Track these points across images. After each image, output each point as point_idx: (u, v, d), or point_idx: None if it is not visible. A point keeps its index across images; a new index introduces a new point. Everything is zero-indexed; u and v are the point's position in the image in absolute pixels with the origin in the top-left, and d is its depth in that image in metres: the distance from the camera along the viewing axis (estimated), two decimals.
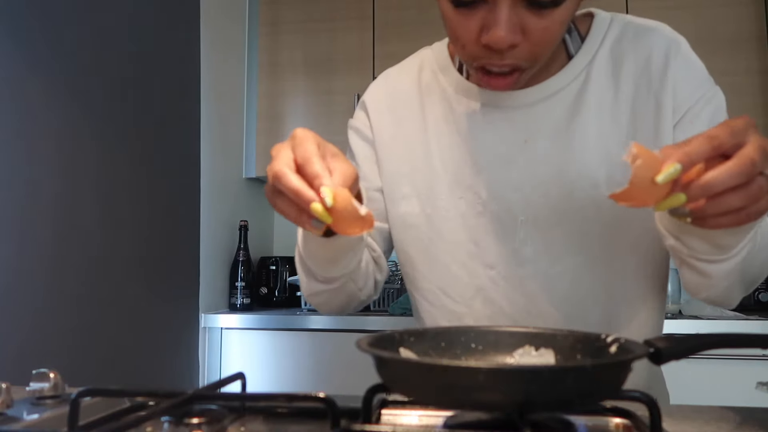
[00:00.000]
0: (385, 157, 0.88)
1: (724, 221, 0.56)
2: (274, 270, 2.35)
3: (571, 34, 0.81)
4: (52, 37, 1.40)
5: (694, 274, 0.70)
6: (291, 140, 0.61)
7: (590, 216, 0.77)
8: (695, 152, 0.52)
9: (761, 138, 0.54)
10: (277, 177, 0.58)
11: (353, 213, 0.56)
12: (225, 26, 2.27)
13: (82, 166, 1.47)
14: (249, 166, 2.38)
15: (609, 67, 0.79)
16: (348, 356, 1.94)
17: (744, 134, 0.54)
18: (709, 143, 0.53)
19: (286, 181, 0.58)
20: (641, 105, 0.78)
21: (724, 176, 0.52)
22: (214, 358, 2.04)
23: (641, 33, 0.80)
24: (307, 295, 0.84)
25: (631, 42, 0.80)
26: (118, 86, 1.62)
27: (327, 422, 0.48)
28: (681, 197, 0.53)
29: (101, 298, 1.53)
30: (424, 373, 0.45)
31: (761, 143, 0.53)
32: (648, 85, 0.78)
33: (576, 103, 0.78)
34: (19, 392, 0.65)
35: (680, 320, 1.83)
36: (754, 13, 2.13)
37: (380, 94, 0.91)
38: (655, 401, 0.47)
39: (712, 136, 0.53)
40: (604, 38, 0.80)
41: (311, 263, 0.77)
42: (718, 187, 0.52)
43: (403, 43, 2.48)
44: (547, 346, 0.58)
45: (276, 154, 0.60)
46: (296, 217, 0.60)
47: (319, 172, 0.57)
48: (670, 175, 0.51)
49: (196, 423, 0.54)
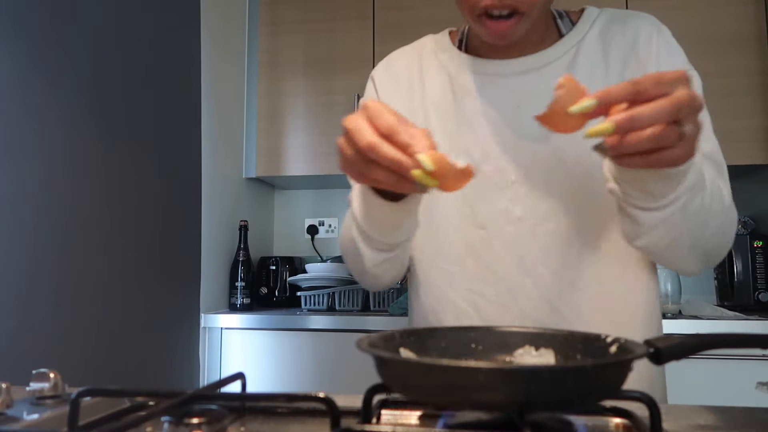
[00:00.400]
0: None
1: (636, 161, 0.59)
2: (274, 270, 2.35)
3: (563, 19, 0.90)
4: (52, 37, 1.40)
5: (627, 221, 0.73)
6: (364, 111, 0.62)
7: (579, 179, 0.82)
8: (616, 92, 0.56)
9: (691, 91, 0.56)
10: (372, 148, 0.59)
11: (452, 170, 0.58)
12: (225, 26, 2.27)
13: (82, 165, 1.47)
14: (249, 166, 2.38)
15: (599, 45, 0.86)
16: (348, 356, 1.94)
17: (671, 85, 0.56)
18: (633, 87, 0.56)
19: (383, 152, 0.59)
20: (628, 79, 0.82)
21: (649, 110, 0.55)
22: (214, 358, 2.04)
23: (629, 17, 0.88)
24: (369, 266, 0.85)
25: (620, 25, 0.87)
26: (118, 86, 1.62)
27: (327, 422, 0.48)
28: (609, 127, 0.55)
29: (101, 298, 1.53)
30: (424, 373, 0.45)
31: (691, 94, 0.56)
32: (636, 62, 0.84)
33: (567, 72, 0.83)
34: (19, 392, 0.65)
35: (680, 320, 1.83)
36: (754, 13, 2.13)
37: (386, 69, 0.98)
38: (655, 401, 0.47)
39: (637, 82, 0.56)
40: (594, 22, 0.88)
41: (376, 233, 0.78)
42: (643, 120, 0.55)
43: (403, 43, 2.47)
44: (547, 346, 0.58)
45: (354, 126, 0.61)
46: (396, 183, 0.61)
47: (408, 141, 0.58)
48: (584, 108, 0.55)
49: (196, 423, 0.54)
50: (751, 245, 2.07)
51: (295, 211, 2.72)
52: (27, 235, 1.31)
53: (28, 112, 1.33)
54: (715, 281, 2.22)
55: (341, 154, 0.64)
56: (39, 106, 1.35)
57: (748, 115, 2.10)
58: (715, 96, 2.14)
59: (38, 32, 1.36)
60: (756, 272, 2.05)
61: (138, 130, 1.70)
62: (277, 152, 2.36)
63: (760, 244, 2.07)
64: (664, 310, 1.93)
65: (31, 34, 1.34)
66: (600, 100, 0.56)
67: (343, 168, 0.65)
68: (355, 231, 0.81)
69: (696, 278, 2.25)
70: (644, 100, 0.55)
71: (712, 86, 2.14)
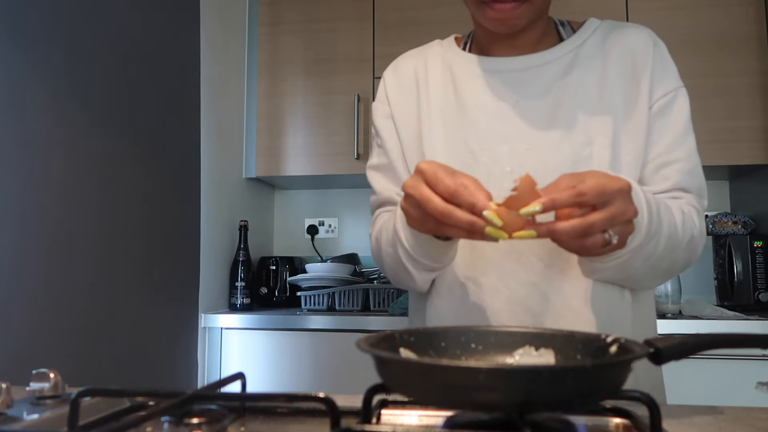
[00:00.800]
0: (401, 127, 0.97)
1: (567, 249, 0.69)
2: (274, 270, 2.35)
3: (564, 27, 0.95)
4: (53, 37, 1.40)
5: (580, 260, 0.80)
6: (421, 175, 0.69)
7: (571, 170, 0.83)
8: (560, 200, 0.64)
9: (621, 206, 0.66)
10: (446, 216, 0.66)
11: (517, 219, 0.64)
12: (225, 27, 2.27)
13: (82, 166, 1.47)
14: (249, 166, 2.38)
15: (598, 51, 0.91)
16: (348, 356, 1.94)
17: (610, 197, 0.65)
18: (576, 198, 0.64)
19: (457, 217, 0.66)
20: (623, 87, 0.88)
21: (566, 228, 0.64)
22: (214, 358, 2.04)
23: (629, 28, 0.93)
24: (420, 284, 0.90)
25: (619, 35, 0.92)
26: (118, 86, 1.62)
27: (327, 422, 0.48)
28: (532, 233, 0.64)
29: (101, 298, 1.53)
30: (424, 373, 0.45)
31: (614, 212, 0.65)
32: (632, 72, 0.89)
33: (565, 74, 0.89)
34: (19, 392, 0.65)
35: (680, 320, 1.83)
36: (754, 13, 2.13)
37: (395, 72, 1.02)
38: (655, 401, 0.47)
39: (581, 193, 0.64)
40: (595, 31, 0.93)
41: (426, 259, 0.84)
42: (560, 235, 0.65)
43: (403, 43, 2.46)
44: (547, 347, 0.58)
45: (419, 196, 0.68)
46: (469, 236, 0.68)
47: (472, 200, 0.65)
48: (530, 212, 0.63)
49: (196, 423, 0.54)
50: (751, 245, 2.07)
51: (295, 211, 2.72)
52: (27, 234, 1.31)
53: (27, 112, 1.33)
54: (715, 281, 2.22)
55: (407, 215, 0.73)
56: (37, 106, 1.35)
57: (748, 115, 2.10)
58: (715, 96, 2.14)
59: (36, 32, 1.36)
60: (756, 272, 2.05)
61: (137, 130, 1.70)
62: (276, 152, 2.36)
63: (760, 244, 2.07)
64: (665, 310, 1.93)
65: (28, 34, 1.34)
66: (545, 207, 0.63)
67: (412, 225, 0.74)
68: (403, 256, 0.85)
69: (696, 278, 2.25)
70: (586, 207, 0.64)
71: (712, 86, 2.15)
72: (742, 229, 2.23)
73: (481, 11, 0.86)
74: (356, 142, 2.26)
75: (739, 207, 2.39)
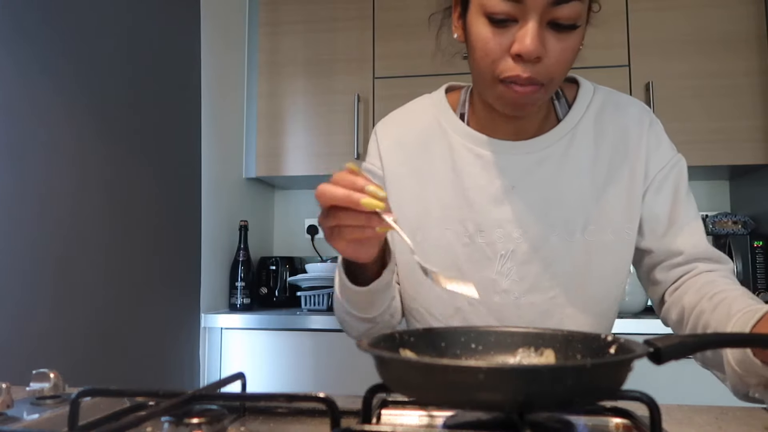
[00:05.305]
0: (392, 191, 0.97)
1: None
2: (274, 270, 2.35)
3: (560, 100, 0.94)
4: (54, 38, 1.40)
5: None
6: None
7: (563, 259, 0.89)
8: None
9: None
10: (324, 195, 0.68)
11: None
12: (225, 26, 2.27)
13: (82, 165, 1.47)
14: (249, 166, 2.38)
15: (592, 132, 0.91)
16: (348, 356, 1.94)
17: None
18: None
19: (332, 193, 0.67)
20: (617, 169, 0.90)
21: None
22: (214, 358, 2.04)
23: (621, 106, 0.93)
24: (355, 336, 0.97)
25: (612, 113, 0.92)
26: (117, 87, 1.62)
27: (327, 422, 0.48)
28: None
29: (101, 298, 1.53)
30: (424, 373, 0.45)
31: None
32: (624, 152, 0.90)
33: (561, 162, 0.90)
34: (19, 392, 0.65)
35: None
36: (754, 13, 2.13)
37: (389, 134, 1.00)
38: (655, 401, 0.47)
39: None
40: (589, 106, 0.93)
41: (355, 310, 0.90)
42: None
43: (403, 43, 2.49)
44: (547, 347, 0.58)
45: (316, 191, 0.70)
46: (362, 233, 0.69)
47: (353, 179, 0.68)
48: None
49: (196, 423, 0.54)
50: (751, 245, 2.07)
51: (295, 211, 2.72)
52: (27, 234, 1.31)
53: (30, 113, 1.33)
54: None
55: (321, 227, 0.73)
56: (40, 107, 1.35)
57: (748, 115, 2.10)
58: (715, 96, 2.14)
59: (39, 33, 1.36)
60: (756, 272, 2.05)
61: (138, 130, 1.70)
62: (277, 152, 2.36)
63: (760, 244, 2.06)
64: None
65: (32, 36, 1.34)
66: None
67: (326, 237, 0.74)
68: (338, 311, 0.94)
69: None
70: None
71: (712, 86, 2.15)
72: (742, 229, 2.23)
73: (494, 90, 0.82)
74: (356, 142, 2.26)
75: (739, 207, 2.39)
